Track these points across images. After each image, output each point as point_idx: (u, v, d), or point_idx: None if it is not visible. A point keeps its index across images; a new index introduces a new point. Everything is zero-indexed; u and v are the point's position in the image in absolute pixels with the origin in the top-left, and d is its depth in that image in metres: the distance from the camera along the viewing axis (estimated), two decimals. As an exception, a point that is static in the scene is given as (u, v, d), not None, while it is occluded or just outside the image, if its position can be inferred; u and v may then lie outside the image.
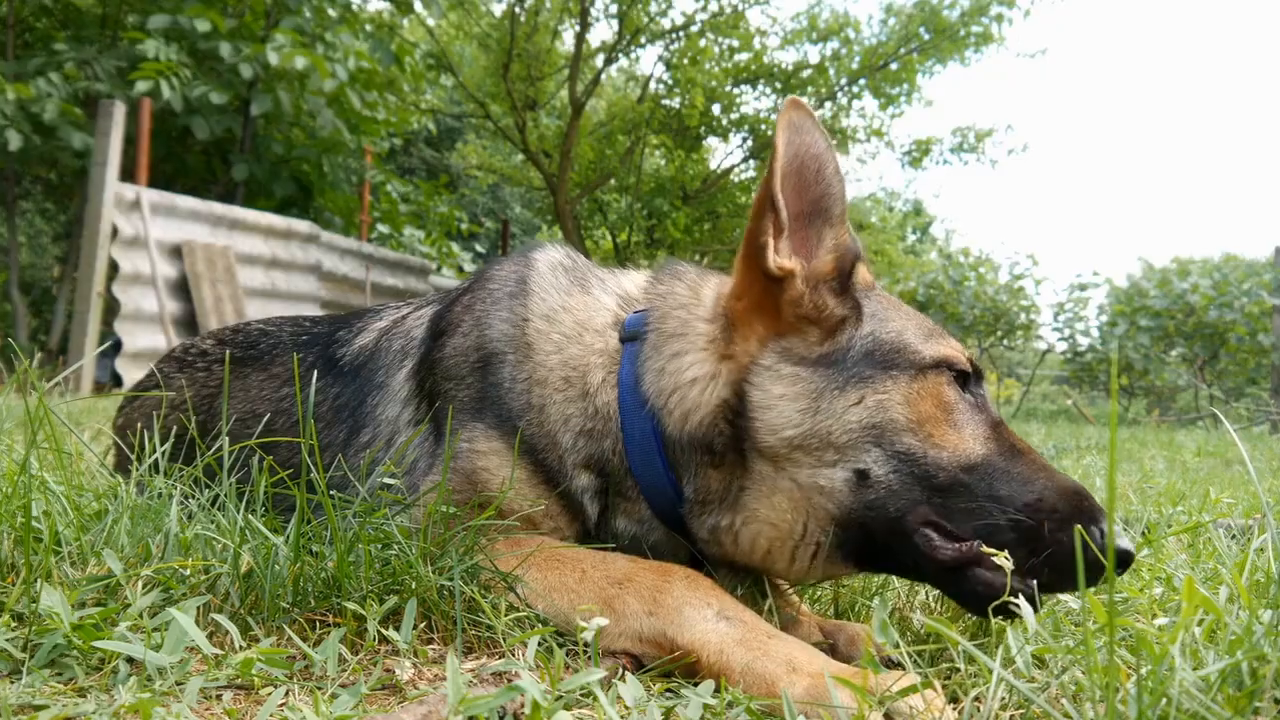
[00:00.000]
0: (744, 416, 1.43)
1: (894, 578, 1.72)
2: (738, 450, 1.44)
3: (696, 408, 1.47)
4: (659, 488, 1.50)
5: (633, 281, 1.75)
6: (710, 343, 1.51)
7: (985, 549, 1.28)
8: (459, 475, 1.55)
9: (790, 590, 1.62)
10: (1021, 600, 1.20)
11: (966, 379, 1.46)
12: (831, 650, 1.40)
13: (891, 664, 1.31)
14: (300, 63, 10.90)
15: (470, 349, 1.64)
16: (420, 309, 1.93)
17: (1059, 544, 1.28)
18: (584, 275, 1.73)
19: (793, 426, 1.39)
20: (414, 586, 1.33)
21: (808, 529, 1.41)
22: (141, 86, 10.29)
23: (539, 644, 1.23)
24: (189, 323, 8.97)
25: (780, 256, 1.47)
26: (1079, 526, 1.13)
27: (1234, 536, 2.18)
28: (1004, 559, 1.24)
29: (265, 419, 1.96)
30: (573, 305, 1.65)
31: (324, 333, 2.11)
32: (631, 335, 1.58)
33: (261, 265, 10.52)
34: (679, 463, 1.49)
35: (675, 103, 17.62)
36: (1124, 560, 1.30)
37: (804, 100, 1.49)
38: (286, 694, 1.07)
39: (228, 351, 2.17)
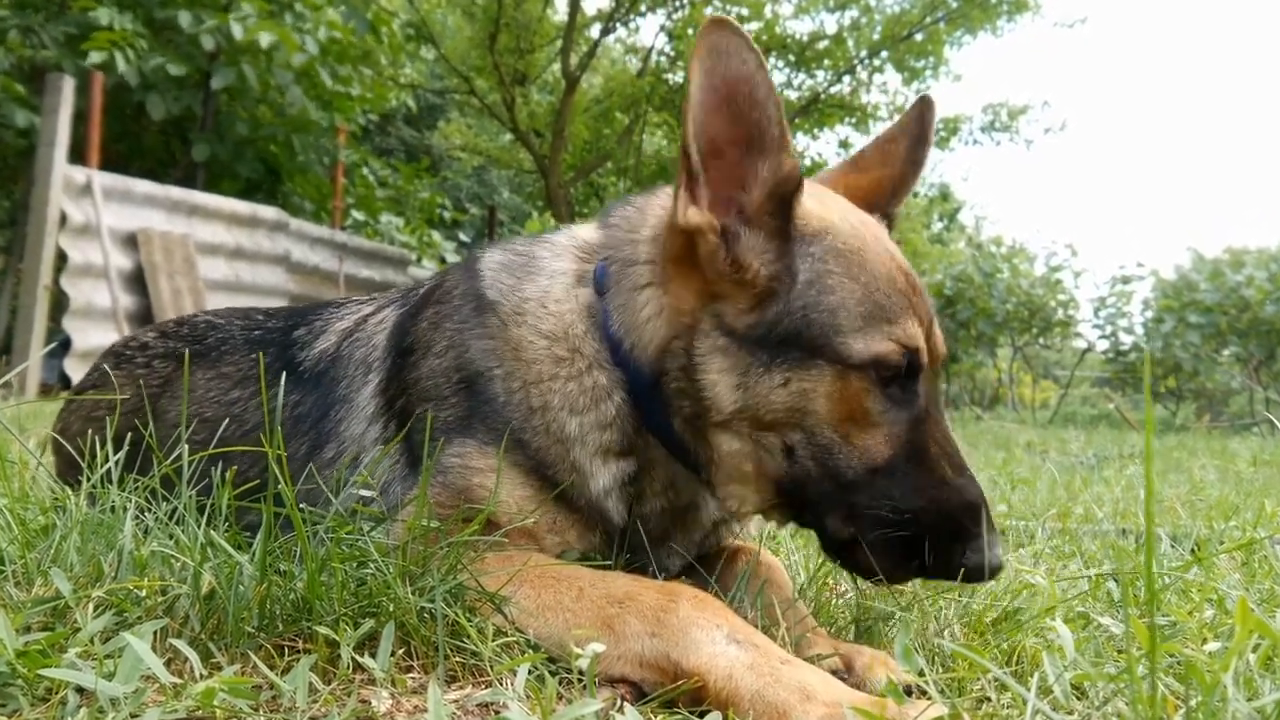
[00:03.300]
0: (692, 375, 1.52)
1: (917, 598, 1.73)
2: (695, 399, 1.53)
3: (652, 342, 1.56)
4: (666, 429, 1.58)
5: (586, 230, 1.79)
6: (655, 277, 1.59)
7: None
8: (450, 492, 1.56)
9: (805, 612, 1.62)
10: (1060, 625, 1.20)
11: (898, 374, 1.48)
12: (849, 676, 1.41)
13: (912, 691, 1.31)
14: (266, 39, 10.90)
15: (449, 369, 1.67)
16: (381, 310, 1.95)
17: (925, 554, 1.45)
18: (528, 260, 1.76)
19: (730, 404, 1.49)
20: (392, 609, 1.33)
21: (760, 482, 1.54)
22: (95, 57, 10.29)
23: (529, 671, 1.23)
24: (145, 318, 8.97)
25: (694, 207, 1.49)
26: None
27: (1292, 554, 2.17)
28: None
29: (216, 425, 1.95)
30: (529, 294, 1.69)
31: (279, 329, 2.11)
32: (605, 284, 1.64)
33: (224, 255, 10.52)
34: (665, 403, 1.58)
35: (679, 77, 17.62)
36: (976, 577, 1.45)
37: (728, 17, 1.47)
38: (252, 727, 1.07)
39: (179, 351, 2.16)
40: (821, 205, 1.56)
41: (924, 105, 1.81)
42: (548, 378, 1.60)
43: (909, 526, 1.44)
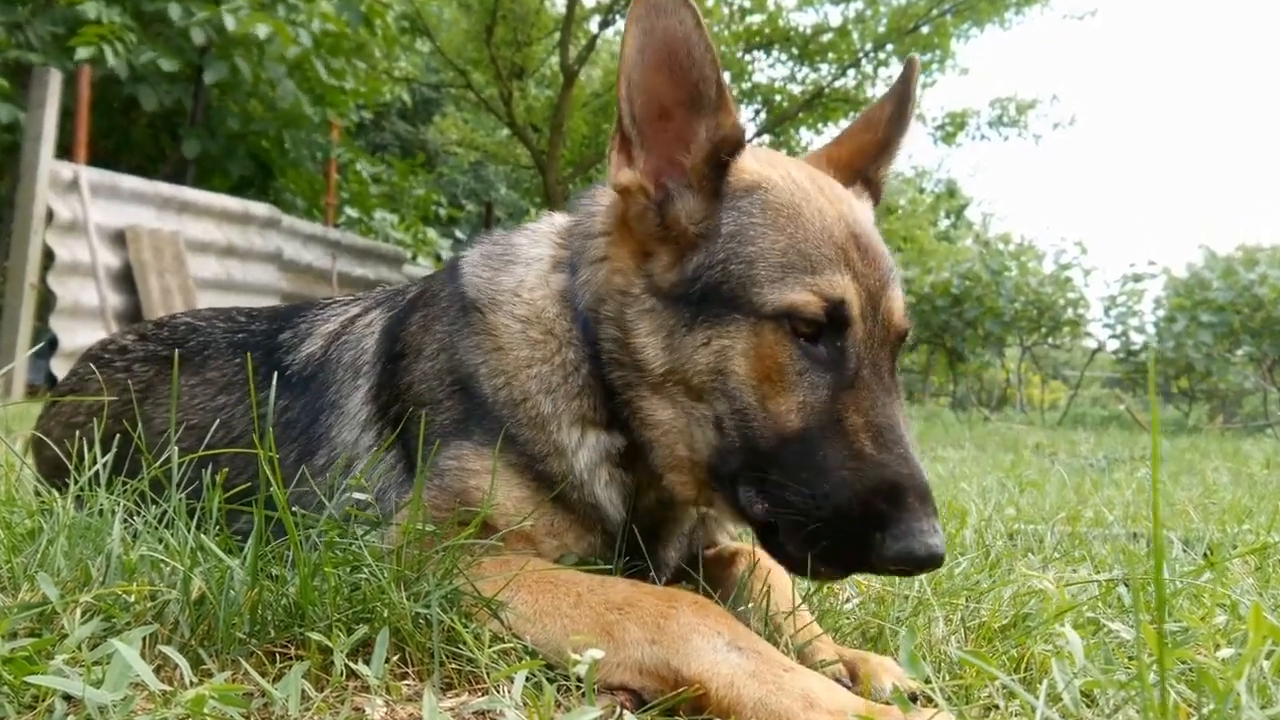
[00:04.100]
0: (627, 345, 1.54)
1: (925, 605, 1.73)
2: (632, 369, 1.54)
3: (605, 316, 1.57)
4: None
5: (562, 217, 1.83)
6: (607, 246, 1.62)
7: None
8: (447, 495, 1.58)
9: (809, 618, 1.62)
10: (1069, 631, 1.20)
11: (819, 330, 1.43)
12: (853, 683, 1.41)
13: (917, 698, 1.31)
14: (262, 30, 10.91)
15: (442, 372, 1.69)
16: (369, 311, 1.96)
17: (832, 541, 1.36)
18: (505, 250, 1.80)
19: (659, 364, 1.50)
20: (386, 614, 1.33)
21: (691, 462, 1.52)
22: (83, 53, 10.30)
23: (527, 678, 1.23)
24: (134, 317, 8.97)
25: (627, 169, 1.54)
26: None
27: (1307, 558, 2.18)
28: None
29: (203, 431, 1.96)
30: (504, 283, 1.72)
31: (264, 332, 2.11)
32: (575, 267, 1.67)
33: (215, 253, 10.52)
34: None
35: (679, 70, 17.60)
36: (902, 563, 1.32)
37: None
38: (243, 735, 1.07)
39: (160, 354, 2.16)
40: (762, 164, 1.57)
41: (908, 66, 1.83)
42: (524, 364, 1.63)
43: (819, 509, 1.36)
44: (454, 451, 1.61)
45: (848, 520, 1.35)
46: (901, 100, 1.80)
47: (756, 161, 1.57)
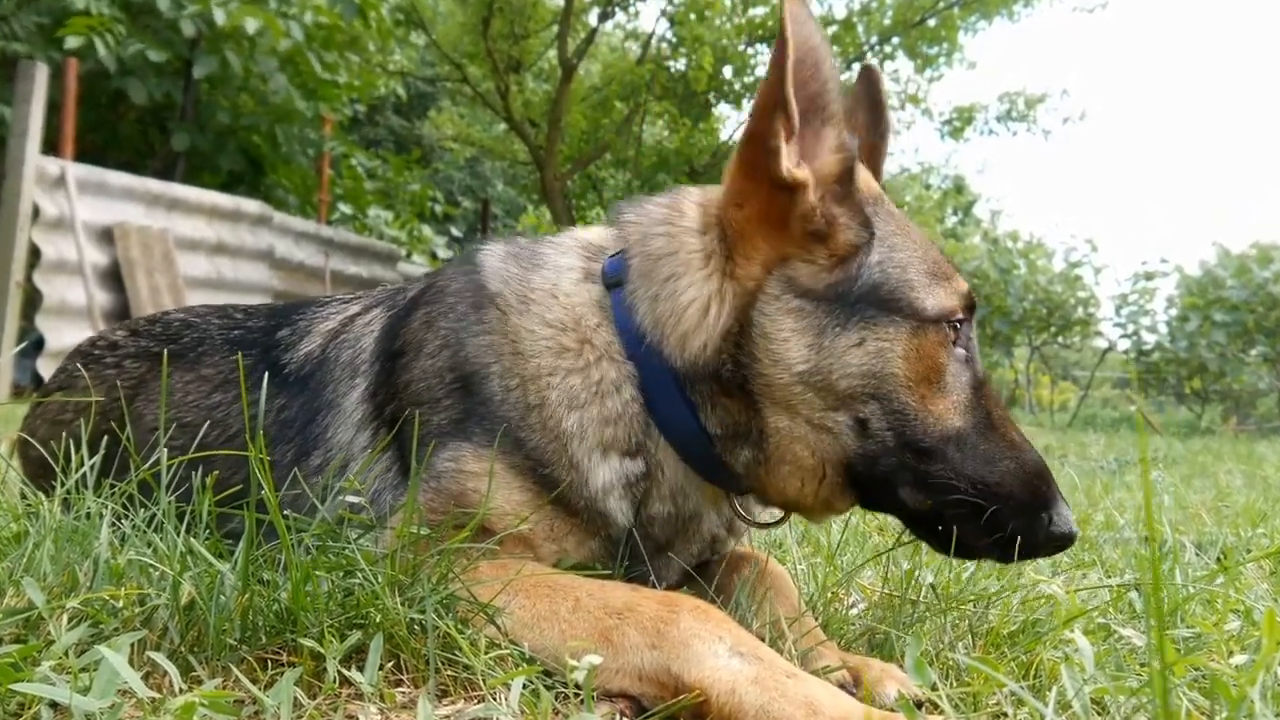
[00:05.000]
0: (747, 349, 1.53)
1: (930, 611, 1.73)
2: (743, 388, 1.54)
3: (698, 330, 1.56)
4: (686, 430, 1.58)
5: (590, 232, 1.82)
6: (708, 258, 1.60)
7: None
8: (444, 497, 1.57)
9: (813, 623, 1.62)
10: (1079, 637, 1.20)
11: (961, 325, 1.56)
12: (857, 689, 1.41)
13: (923, 705, 1.31)
14: (251, 25, 10.92)
15: (443, 370, 1.68)
16: (369, 310, 1.95)
17: (1008, 527, 1.48)
18: (533, 253, 1.78)
19: (802, 362, 1.50)
20: (380, 620, 1.33)
21: (825, 470, 1.55)
22: (73, 42, 10.31)
23: (524, 685, 1.23)
24: (121, 316, 8.97)
25: (803, 162, 1.54)
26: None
27: (1322, 563, 2.18)
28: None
29: (197, 430, 1.95)
30: (535, 284, 1.70)
31: (261, 329, 2.11)
32: (616, 280, 1.65)
33: (205, 251, 10.53)
34: (693, 401, 1.58)
35: (680, 64, 17.63)
36: (1064, 543, 1.52)
37: None
38: (233, 743, 1.07)
39: (152, 350, 2.15)
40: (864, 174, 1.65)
41: (866, 73, 1.85)
42: (546, 372, 1.61)
43: (990, 497, 1.47)
44: (452, 453, 1.60)
45: (1021, 505, 1.48)
46: (872, 109, 1.84)
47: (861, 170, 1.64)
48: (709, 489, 1.65)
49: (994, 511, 1.47)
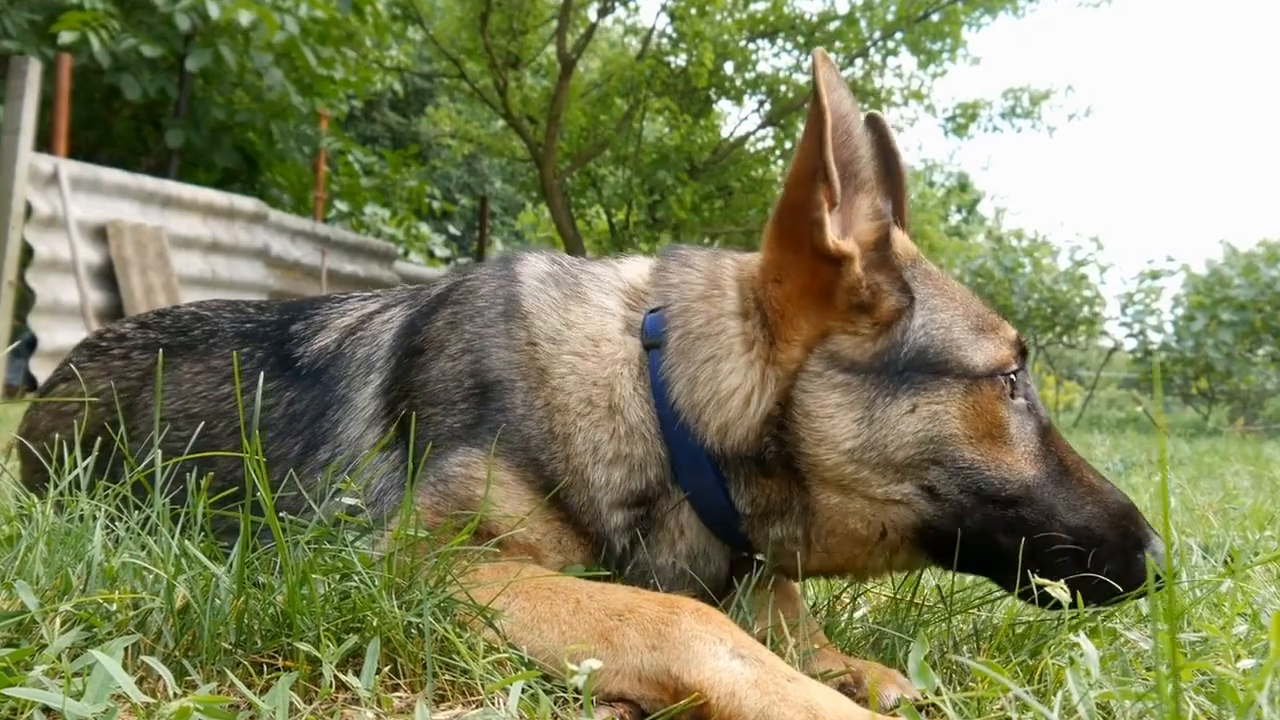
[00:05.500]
0: (790, 429, 1.52)
1: (934, 615, 1.73)
2: (788, 466, 1.53)
3: (739, 421, 1.54)
4: (715, 508, 1.58)
5: (634, 271, 1.78)
6: (749, 345, 1.57)
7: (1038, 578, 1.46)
8: (450, 501, 1.57)
9: (816, 627, 1.62)
10: (1085, 641, 1.20)
11: (1017, 375, 1.55)
12: (858, 692, 1.41)
13: (925, 709, 1.32)
14: (246, 18, 10.92)
15: (463, 374, 1.67)
16: (389, 309, 1.94)
17: (1104, 569, 1.47)
18: (576, 281, 1.75)
19: (851, 438, 1.49)
20: (377, 624, 1.33)
21: (887, 534, 1.54)
22: (67, 37, 10.30)
23: (523, 690, 1.23)
24: (115, 315, 8.97)
25: (836, 234, 1.52)
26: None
27: (1331, 565, 2.18)
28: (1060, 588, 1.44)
29: (201, 423, 1.95)
30: (575, 320, 1.68)
31: (274, 323, 2.10)
32: (654, 342, 1.62)
33: (200, 249, 10.53)
34: (725, 477, 1.57)
35: (681, 60, 17.61)
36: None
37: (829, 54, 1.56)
38: (229, 749, 1.07)
39: (160, 341, 2.15)
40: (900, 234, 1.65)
41: (873, 122, 1.74)
42: (574, 415, 1.60)
43: (1080, 542, 1.48)
44: (462, 458, 1.60)
45: (1114, 549, 1.49)
46: (887, 155, 1.75)
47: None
48: (728, 547, 1.65)
49: (1087, 555, 1.47)
